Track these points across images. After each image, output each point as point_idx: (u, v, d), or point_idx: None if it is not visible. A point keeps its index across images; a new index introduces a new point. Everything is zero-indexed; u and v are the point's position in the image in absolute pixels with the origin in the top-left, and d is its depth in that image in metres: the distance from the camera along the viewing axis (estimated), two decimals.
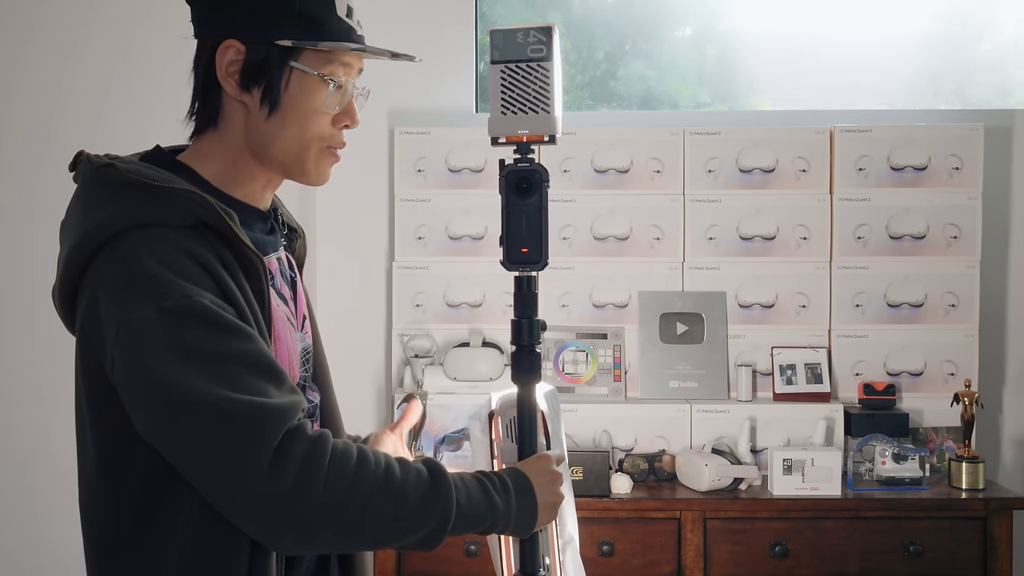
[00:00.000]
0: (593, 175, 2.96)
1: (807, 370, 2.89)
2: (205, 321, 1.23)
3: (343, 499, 1.23)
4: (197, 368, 1.21)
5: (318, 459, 1.22)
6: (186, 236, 1.28)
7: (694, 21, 3.32)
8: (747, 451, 2.73)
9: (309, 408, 1.46)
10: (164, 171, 1.33)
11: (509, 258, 1.40)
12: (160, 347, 1.21)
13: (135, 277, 1.24)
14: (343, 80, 1.41)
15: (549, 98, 1.38)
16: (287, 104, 1.38)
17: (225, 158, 1.40)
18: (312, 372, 1.52)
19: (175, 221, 1.28)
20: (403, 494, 1.27)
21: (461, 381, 2.81)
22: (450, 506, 1.30)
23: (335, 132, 1.43)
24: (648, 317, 2.93)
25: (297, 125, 1.39)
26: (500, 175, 1.40)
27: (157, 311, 1.21)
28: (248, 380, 1.23)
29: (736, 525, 2.63)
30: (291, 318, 1.45)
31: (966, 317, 2.93)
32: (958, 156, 2.93)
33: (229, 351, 1.23)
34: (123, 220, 1.27)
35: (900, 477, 2.71)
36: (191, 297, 1.23)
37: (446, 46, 3.11)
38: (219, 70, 1.37)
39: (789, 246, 2.94)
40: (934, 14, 3.22)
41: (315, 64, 1.38)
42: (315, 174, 1.43)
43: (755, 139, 2.95)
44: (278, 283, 1.44)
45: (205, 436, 1.21)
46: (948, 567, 2.63)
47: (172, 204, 1.28)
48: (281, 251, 1.48)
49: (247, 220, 1.39)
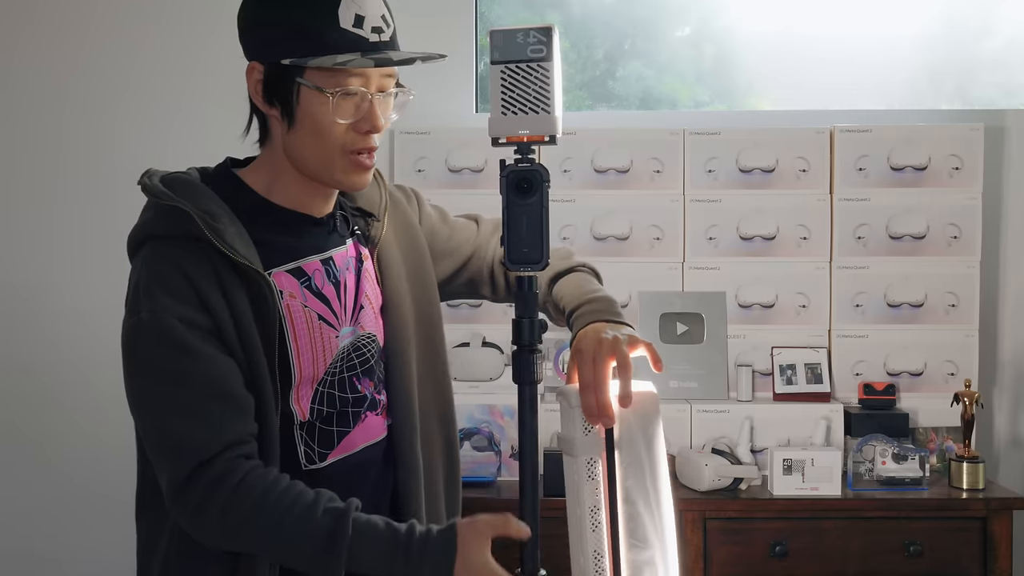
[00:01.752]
0: (593, 175, 2.96)
1: (807, 370, 2.89)
2: (166, 339, 1.38)
3: (237, 533, 1.39)
4: (149, 382, 1.40)
5: (214, 498, 1.37)
6: (186, 249, 1.41)
7: (693, 20, 3.32)
8: (747, 451, 2.73)
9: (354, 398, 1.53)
10: (193, 186, 1.46)
11: (510, 258, 1.40)
12: (130, 354, 1.42)
13: (135, 285, 1.42)
14: (355, 89, 1.44)
15: (549, 98, 1.38)
16: (302, 118, 1.45)
17: (272, 169, 1.51)
18: (368, 362, 1.55)
19: (177, 234, 1.42)
20: (293, 543, 1.37)
21: (461, 381, 2.81)
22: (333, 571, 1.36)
23: (358, 137, 1.47)
24: (648, 317, 2.93)
25: (314, 136, 1.46)
26: (501, 175, 1.40)
27: (136, 320, 1.40)
28: (187, 402, 1.38)
29: (736, 525, 2.63)
30: (328, 317, 1.51)
31: (966, 317, 2.93)
32: (958, 156, 2.93)
33: (179, 371, 1.38)
34: (145, 230, 1.46)
35: (900, 477, 2.71)
36: (158, 314, 1.38)
37: (446, 46, 3.09)
38: (250, 89, 1.48)
39: (789, 246, 2.94)
40: (935, 14, 3.22)
41: (319, 78, 1.43)
42: (346, 182, 1.50)
43: (755, 139, 2.95)
44: (317, 284, 1.51)
45: (144, 441, 1.45)
46: (948, 567, 2.63)
47: (168, 219, 1.43)
48: (334, 250, 1.54)
49: (293, 226, 1.51)
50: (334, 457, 1.52)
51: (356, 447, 1.54)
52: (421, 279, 1.66)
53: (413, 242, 1.67)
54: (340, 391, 1.52)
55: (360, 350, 1.54)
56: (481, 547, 1.37)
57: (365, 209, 1.63)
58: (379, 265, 1.61)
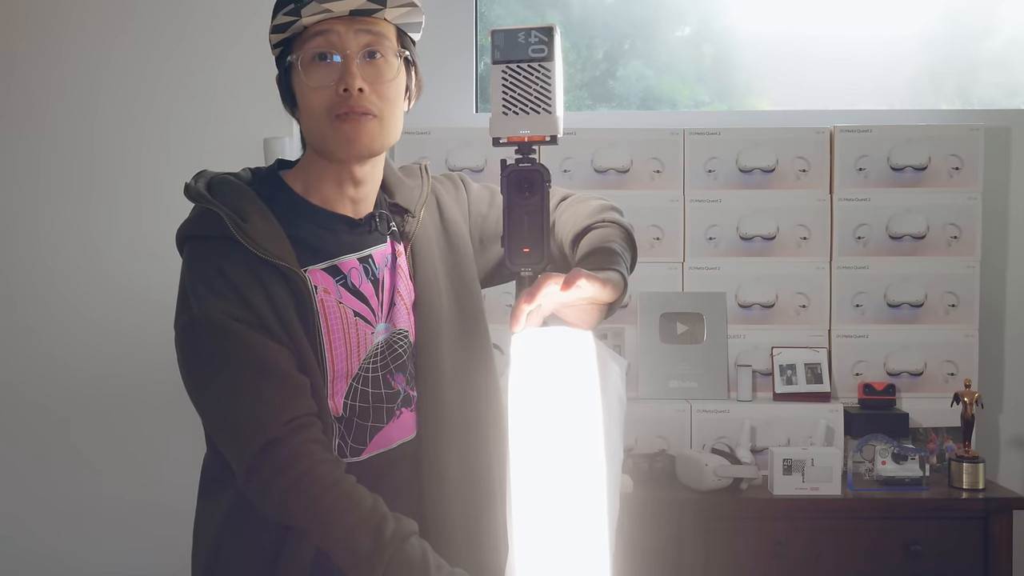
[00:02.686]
0: (593, 175, 2.96)
1: (807, 370, 2.89)
2: (218, 332, 1.42)
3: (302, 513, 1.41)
4: (205, 373, 1.45)
5: (279, 479, 1.40)
6: (223, 247, 1.46)
7: (693, 20, 3.32)
8: (747, 451, 2.73)
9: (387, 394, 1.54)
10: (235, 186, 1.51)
11: (511, 258, 1.40)
12: (187, 350, 1.47)
13: (183, 285, 1.49)
14: (324, 50, 1.48)
15: (550, 98, 1.38)
16: (298, 98, 1.52)
17: (308, 167, 1.56)
18: (400, 358, 1.56)
19: (213, 234, 1.47)
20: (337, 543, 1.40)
21: None
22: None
23: (337, 101, 1.48)
24: (648, 317, 2.93)
25: (306, 110, 1.51)
26: (502, 175, 1.39)
27: (189, 319, 1.45)
28: (246, 385, 1.42)
29: (736, 525, 2.63)
30: (364, 314, 1.53)
31: (966, 317, 2.93)
32: (958, 156, 2.93)
33: (235, 358, 1.42)
34: (185, 230, 1.51)
35: (900, 477, 2.71)
36: (207, 311, 1.43)
37: (446, 46, 3.11)
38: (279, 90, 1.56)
39: (789, 246, 2.94)
40: (936, 14, 3.22)
41: (297, 50, 1.50)
42: (340, 149, 1.50)
43: (755, 139, 2.95)
44: (355, 281, 1.54)
45: (211, 430, 1.51)
46: (948, 567, 2.63)
47: (203, 220, 1.48)
48: (372, 248, 1.57)
49: (329, 225, 1.54)
50: (369, 453, 1.53)
51: (392, 443, 1.55)
52: (460, 276, 1.65)
53: (454, 236, 1.67)
54: (374, 387, 1.54)
55: (393, 346, 1.56)
56: None
57: (402, 205, 1.64)
58: (413, 261, 1.62)
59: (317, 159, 1.54)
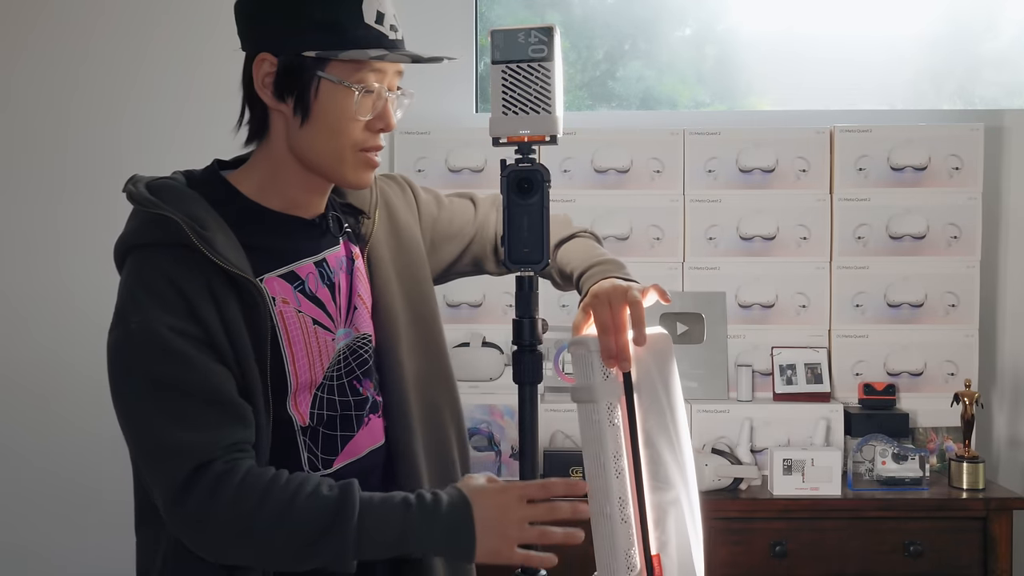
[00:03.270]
0: (593, 175, 2.96)
1: (807, 370, 2.89)
2: (158, 348, 1.34)
3: (240, 534, 1.35)
4: (141, 391, 1.36)
5: (220, 493, 1.33)
6: (174, 257, 1.38)
7: (693, 21, 3.32)
8: (747, 451, 2.73)
9: (356, 401, 1.50)
10: (180, 192, 1.42)
11: (510, 258, 1.40)
12: (119, 365, 1.38)
13: (122, 295, 1.40)
14: (374, 86, 1.43)
15: (550, 98, 1.38)
16: (318, 113, 1.42)
17: (269, 169, 1.47)
18: (366, 363, 1.53)
19: (165, 242, 1.38)
20: (298, 529, 1.34)
21: (461, 381, 2.76)
22: (344, 540, 1.33)
23: (369, 136, 1.46)
24: (648, 317, 2.91)
25: (329, 133, 1.43)
26: (501, 175, 1.40)
27: (125, 330, 1.36)
28: (183, 409, 1.35)
29: (736, 525, 2.63)
30: (323, 320, 1.48)
31: (966, 317, 2.93)
32: (958, 156, 2.93)
33: (173, 378, 1.34)
34: (129, 239, 1.42)
35: (900, 477, 2.71)
36: (150, 323, 1.34)
37: (446, 46, 3.10)
38: (256, 82, 1.43)
39: (789, 246, 2.94)
40: (938, 14, 3.22)
41: (342, 73, 1.41)
42: (354, 179, 1.48)
43: (755, 139, 2.95)
44: (311, 287, 1.48)
45: (137, 453, 1.40)
46: (948, 567, 2.63)
47: (156, 228, 1.39)
48: (327, 251, 1.51)
49: (285, 230, 1.47)
50: (340, 463, 1.50)
51: (362, 451, 1.52)
52: (413, 277, 1.63)
53: (406, 239, 1.64)
54: (340, 395, 1.50)
55: (357, 352, 1.52)
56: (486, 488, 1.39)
57: (355, 206, 1.59)
58: (369, 264, 1.58)
59: (291, 165, 1.47)
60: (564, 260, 1.64)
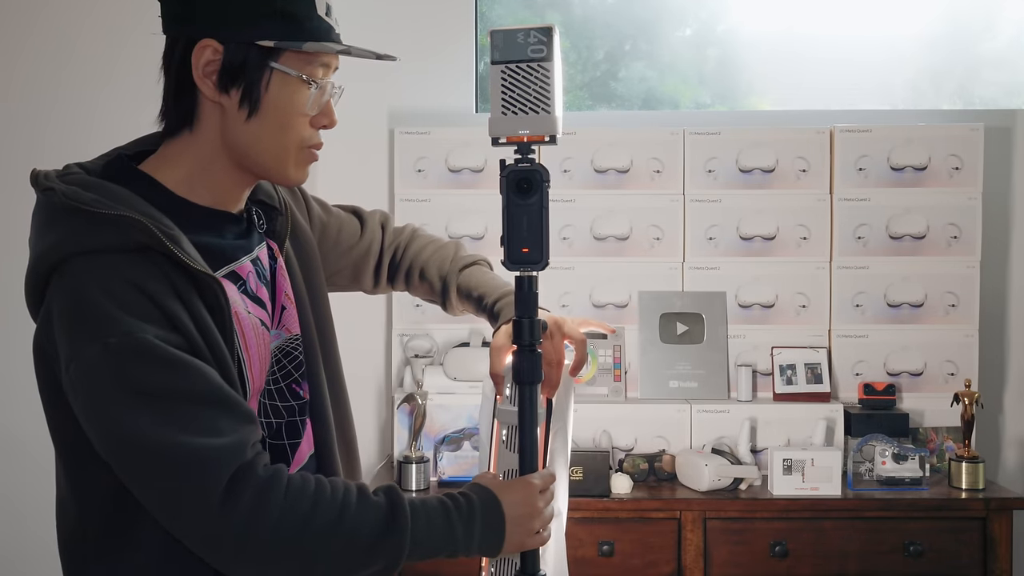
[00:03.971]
0: (593, 175, 2.96)
1: (807, 370, 2.89)
2: (151, 359, 1.21)
3: (292, 542, 1.25)
4: (144, 410, 1.20)
5: (269, 497, 1.23)
6: (131, 261, 1.24)
7: (694, 21, 3.32)
8: (747, 451, 2.73)
9: (299, 406, 1.44)
10: (111, 189, 1.28)
11: (510, 258, 1.40)
12: (107, 387, 1.21)
13: (81, 310, 1.22)
14: (323, 81, 1.37)
15: (550, 98, 1.38)
16: (267, 106, 1.34)
17: (196, 162, 1.35)
18: (302, 365, 1.47)
19: (118, 247, 1.24)
20: (355, 533, 1.28)
21: (461, 381, 2.81)
22: (401, 545, 1.29)
23: (314, 133, 1.39)
24: (648, 317, 2.93)
25: (278, 128, 1.35)
26: (501, 175, 1.40)
27: (103, 348, 1.20)
28: (197, 418, 1.22)
29: (736, 525, 2.63)
30: (266, 321, 1.41)
31: (966, 317, 2.93)
32: (958, 156, 2.93)
33: (176, 389, 1.22)
34: (67, 246, 1.24)
35: (900, 477, 2.71)
36: (134, 334, 1.20)
37: (446, 46, 3.11)
38: (195, 70, 1.31)
39: (789, 246, 2.94)
40: (938, 14, 3.22)
41: (296, 65, 1.34)
42: (296, 177, 1.40)
43: (755, 139, 2.95)
44: (252, 287, 1.40)
45: (155, 480, 1.22)
46: (948, 567, 2.63)
47: (113, 229, 1.24)
48: (257, 249, 1.43)
49: (217, 227, 1.37)
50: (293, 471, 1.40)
51: (305, 458, 1.45)
52: (316, 274, 1.57)
53: (305, 239, 1.57)
54: (283, 400, 1.43)
55: (291, 353, 1.45)
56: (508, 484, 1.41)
57: (267, 202, 1.49)
58: (287, 261, 1.50)
59: (223, 159, 1.36)
60: (470, 284, 1.70)
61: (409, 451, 2.76)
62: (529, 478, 1.41)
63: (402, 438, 2.79)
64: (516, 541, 1.38)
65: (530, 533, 1.39)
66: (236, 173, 1.38)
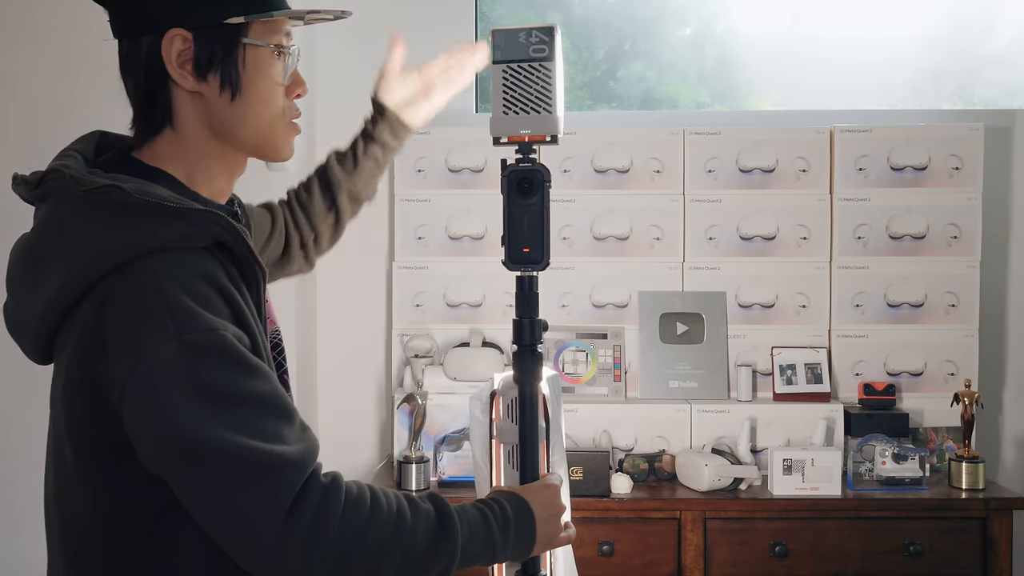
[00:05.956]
0: (593, 175, 2.96)
1: (807, 370, 2.89)
2: (228, 359, 1.17)
3: (355, 550, 1.22)
4: (217, 411, 1.16)
5: (331, 510, 1.20)
6: (204, 258, 1.22)
7: (694, 21, 3.32)
8: (747, 451, 2.73)
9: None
10: (161, 187, 1.26)
11: (511, 258, 1.40)
12: (181, 386, 1.15)
13: (155, 306, 1.16)
14: (291, 47, 1.35)
15: (551, 98, 1.38)
16: (247, 84, 1.31)
17: (191, 157, 1.32)
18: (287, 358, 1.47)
19: (194, 243, 1.22)
20: (412, 543, 1.25)
21: (461, 381, 2.81)
22: (454, 552, 1.28)
23: (291, 104, 1.38)
24: (648, 317, 2.93)
25: (261, 103, 1.32)
26: (502, 175, 1.40)
27: (180, 345, 1.15)
28: (266, 425, 1.18)
29: (736, 525, 2.63)
30: (270, 315, 1.41)
31: (966, 317, 2.93)
32: (958, 156, 2.93)
33: (250, 393, 1.18)
34: (142, 243, 1.19)
35: (900, 477, 2.71)
36: (215, 331, 1.17)
37: (446, 46, 3.10)
38: (169, 64, 1.28)
39: (789, 246, 2.94)
40: (938, 14, 3.22)
41: (264, 36, 1.32)
42: (286, 151, 1.38)
43: (755, 139, 2.95)
44: None
45: (222, 484, 1.17)
46: (948, 567, 2.63)
47: (190, 225, 1.21)
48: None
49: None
50: None
51: None
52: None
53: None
54: None
55: (278, 346, 1.43)
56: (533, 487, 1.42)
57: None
58: None
59: (214, 150, 1.33)
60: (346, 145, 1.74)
61: (409, 451, 2.75)
62: (548, 479, 1.43)
63: (402, 438, 2.79)
64: (544, 543, 1.39)
65: (557, 532, 1.41)
66: (228, 161, 1.35)
